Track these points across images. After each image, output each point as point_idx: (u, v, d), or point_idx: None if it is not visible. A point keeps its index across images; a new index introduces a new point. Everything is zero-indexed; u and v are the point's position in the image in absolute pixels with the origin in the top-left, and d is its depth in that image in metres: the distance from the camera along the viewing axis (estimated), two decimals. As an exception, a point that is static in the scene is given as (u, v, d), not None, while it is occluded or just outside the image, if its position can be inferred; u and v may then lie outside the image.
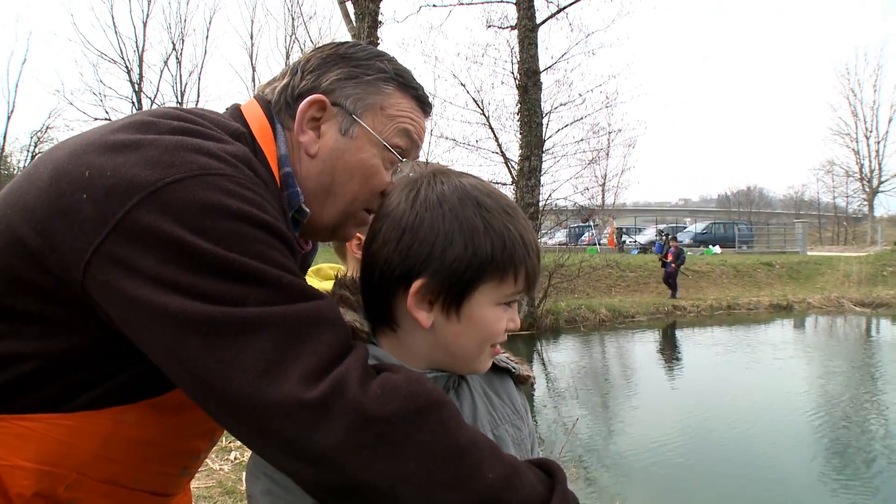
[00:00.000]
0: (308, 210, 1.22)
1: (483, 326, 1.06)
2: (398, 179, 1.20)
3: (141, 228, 0.91)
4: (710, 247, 33.92)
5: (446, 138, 20.72)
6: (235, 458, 5.23)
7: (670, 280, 22.12)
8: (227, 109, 1.25)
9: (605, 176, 34.76)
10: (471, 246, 1.01)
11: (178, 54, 35.62)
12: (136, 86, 33.74)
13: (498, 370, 1.25)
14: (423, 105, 1.29)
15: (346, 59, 1.23)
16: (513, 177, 18.22)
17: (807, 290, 24.43)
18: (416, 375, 0.98)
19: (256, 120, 1.20)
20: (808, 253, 34.14)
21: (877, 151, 49.80)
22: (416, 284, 1.02)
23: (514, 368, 1.27)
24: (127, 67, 33.53)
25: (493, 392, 1.23)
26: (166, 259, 0.91)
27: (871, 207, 50.09)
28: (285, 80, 1.24)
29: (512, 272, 1.05)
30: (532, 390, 1.30)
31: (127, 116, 1.11)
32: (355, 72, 1.22)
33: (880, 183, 49.61)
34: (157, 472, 1.20)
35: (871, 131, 49.94)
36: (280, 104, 1.23)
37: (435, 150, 20.90)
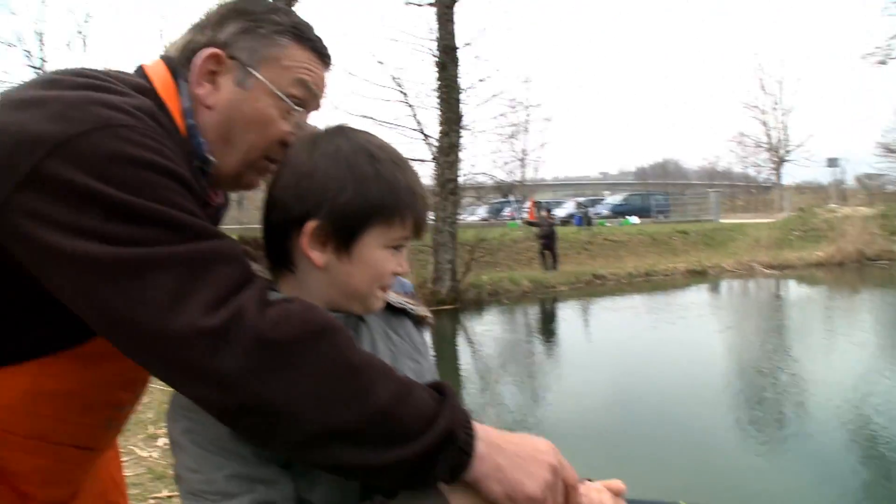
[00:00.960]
0: (213, 159, 1.25)
1: (372, 267, 1.16)
2: (301, 135, 1.25)
3: (48, 180, 0.94)
4: (628, 217, 34.61)
5: (365, 117, 20.55)
6: (165, 445, 5.12)
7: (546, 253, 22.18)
8: (133, 71, 1.27)
9: (524, 151, 35.03)
10: (361, 191, 1.11)
11: (83, 36, 34.21)
12: (39, 71, 32.30)
13: (396, 311, 1.34)
14: (322, 56, 1.32)
15: (242, 13, 1.26)
16: (432, 154, 18.21)
17: (720, 256, 25.31)
18: (312, 304, 1.05)
19: (160, 76, 1.22)
20: (722, 220, 35.18)
21: (783, 123, 51.70)
22: (310, 225, 1.12)
23: (410, 309, 1.36)
24: (27, 51, 32.03)
25: (392, 331, 1.33)
26: (74, 207, 0.94)
27: (779, 176, 51.99)
28: (186, 38, 1.27)
29: (399, 218, 1.15)
30: (428, 328, 1.42)
31: (32, 78, 1.14)
32: (251, 25, 1.25)
33: (787, 153, 51.48)
34: (82, 425, 1.23)
35: (777, 104, 51.73)
36: (182, 60, 1.25)
37: (355, 130, 20.57)
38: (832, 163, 41.35)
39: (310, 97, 1.30)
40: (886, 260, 25.15)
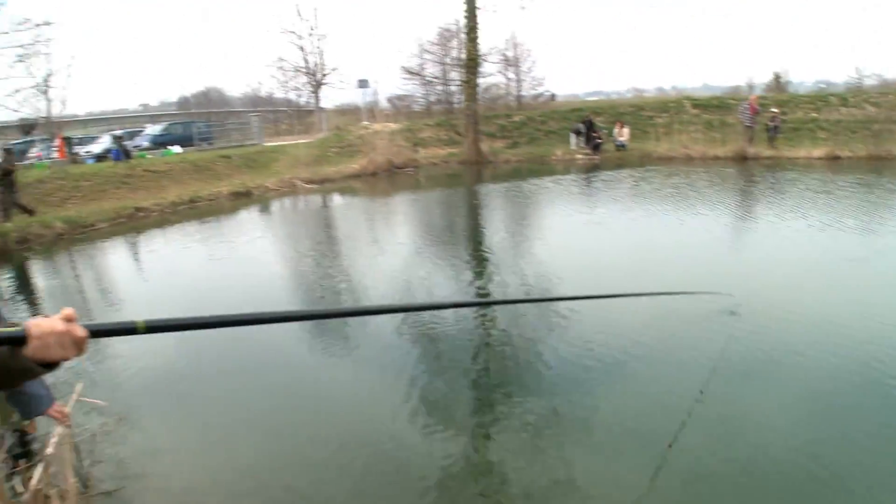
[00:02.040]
0: None
1: None
2: None
3: None
4: (170, 147, 33.43)
5: None
6: None
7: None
8: None
9: (47, 80, 31.22)
10: None
11: None
12: None
13: None
14: None
15: None
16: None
17: (264, 177, 25.96)
18: None
19: None
20: (265, 144, 35.94)
21: (319, 48, 53.95)
22: None
23: None
24: None
25: None
26: None
27: (318, 99, 54.54)
28: None
29: None
30: None
31: None
32: None
33: (323, 76, 54.06)
34: None
35: (313, 30, 53.69)
36: None
37: None
38: (362, 84, 44.40)
39: None
40: (411, 167, 29.59)
